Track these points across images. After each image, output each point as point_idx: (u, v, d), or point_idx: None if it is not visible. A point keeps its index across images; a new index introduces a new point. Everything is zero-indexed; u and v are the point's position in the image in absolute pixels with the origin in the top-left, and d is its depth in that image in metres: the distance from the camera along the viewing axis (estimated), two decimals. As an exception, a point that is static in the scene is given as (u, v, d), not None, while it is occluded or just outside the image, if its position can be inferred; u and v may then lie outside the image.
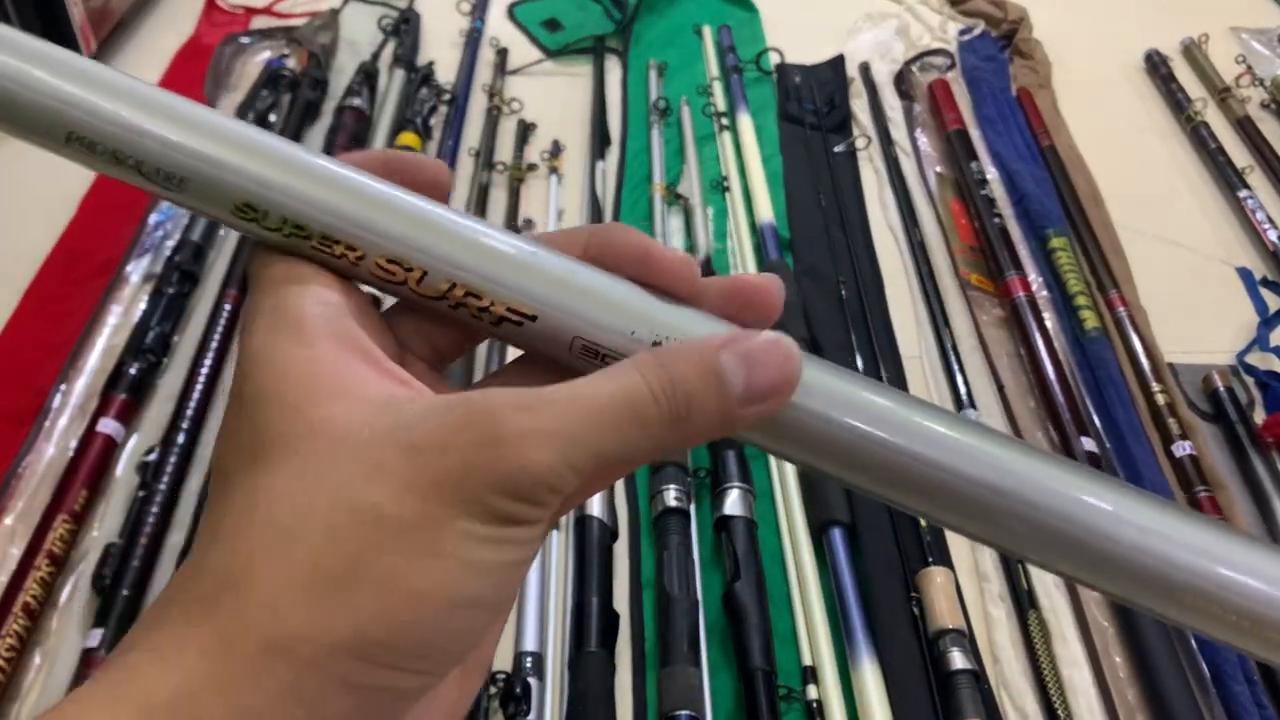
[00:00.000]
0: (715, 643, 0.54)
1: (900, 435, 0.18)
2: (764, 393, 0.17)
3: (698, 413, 0.17)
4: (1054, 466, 0.18)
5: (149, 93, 0.19)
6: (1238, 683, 0.54)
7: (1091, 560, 0.18)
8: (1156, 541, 0.18)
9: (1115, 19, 1.10)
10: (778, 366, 0.17)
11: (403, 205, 0.19)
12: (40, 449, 0.61)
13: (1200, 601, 0.18)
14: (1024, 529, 0.18)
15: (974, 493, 0.18)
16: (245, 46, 0.96)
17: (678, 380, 0.17)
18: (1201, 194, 0.89)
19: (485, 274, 0.19)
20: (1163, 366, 0.70)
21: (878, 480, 0.18)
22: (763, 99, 0.94)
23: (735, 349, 0.17)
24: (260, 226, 0.18)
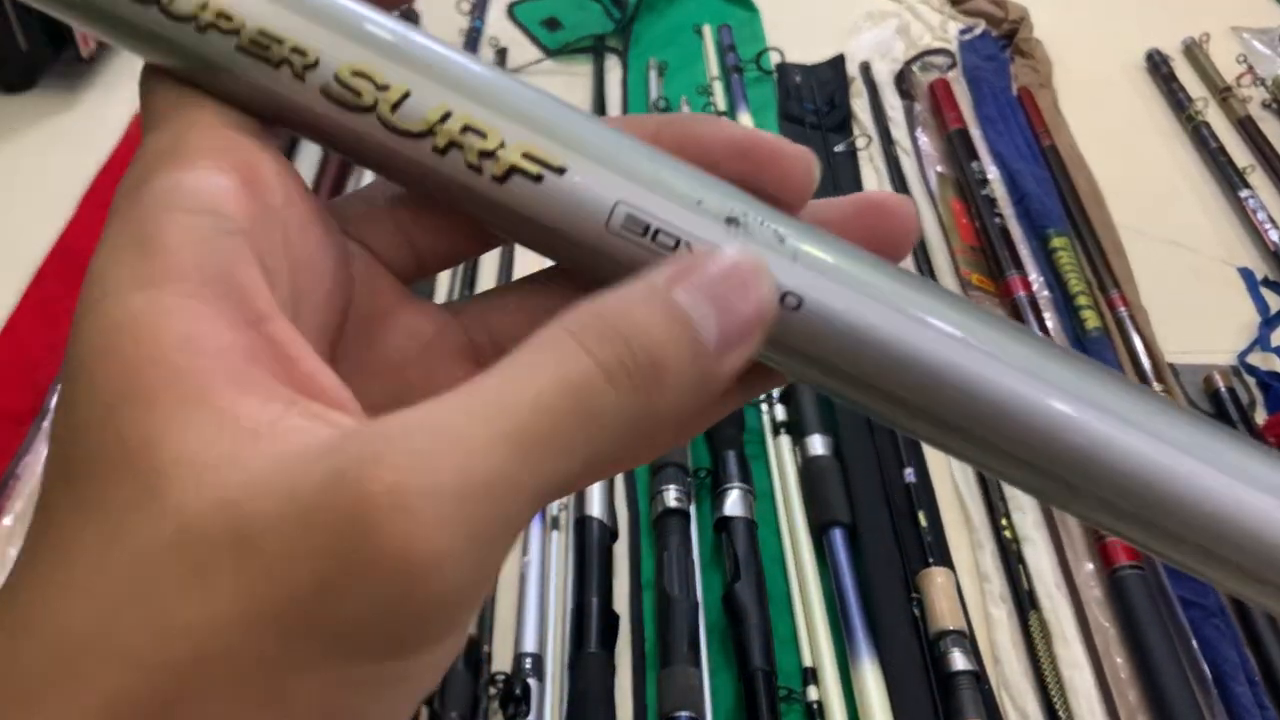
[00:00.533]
0: (715, 643, 0.54)
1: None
2: (740, 332, 0.12)
3: (670, 380, 0.11)
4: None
5: None
6: (1239, 683, 0.53)
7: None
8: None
9: (1116, 18, 1.10)
10: (750, 292, 0.12)
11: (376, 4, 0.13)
12: (39, 449, 0.61)
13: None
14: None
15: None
16: (245, 46, 0.96)
17: (635, 340, 0.11)
18: (1202, 194, 0.89)
19: (492, 100, 0.13)
20: (1164, 366, 0.70)
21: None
22: (763, 98, 0.94)
23: (692, 282, 0.12)
24: (165, 12, 0.12)
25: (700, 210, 0.13)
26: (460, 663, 0.50)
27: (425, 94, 0.13)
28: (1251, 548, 0.13)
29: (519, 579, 0.55)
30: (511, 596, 0.55)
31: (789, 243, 0.14)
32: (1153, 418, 0.14)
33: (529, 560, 0.56)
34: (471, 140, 0.13)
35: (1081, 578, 0.59)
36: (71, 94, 0.88)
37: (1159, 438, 0.14)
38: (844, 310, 0.13)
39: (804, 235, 0.14)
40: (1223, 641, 0.55)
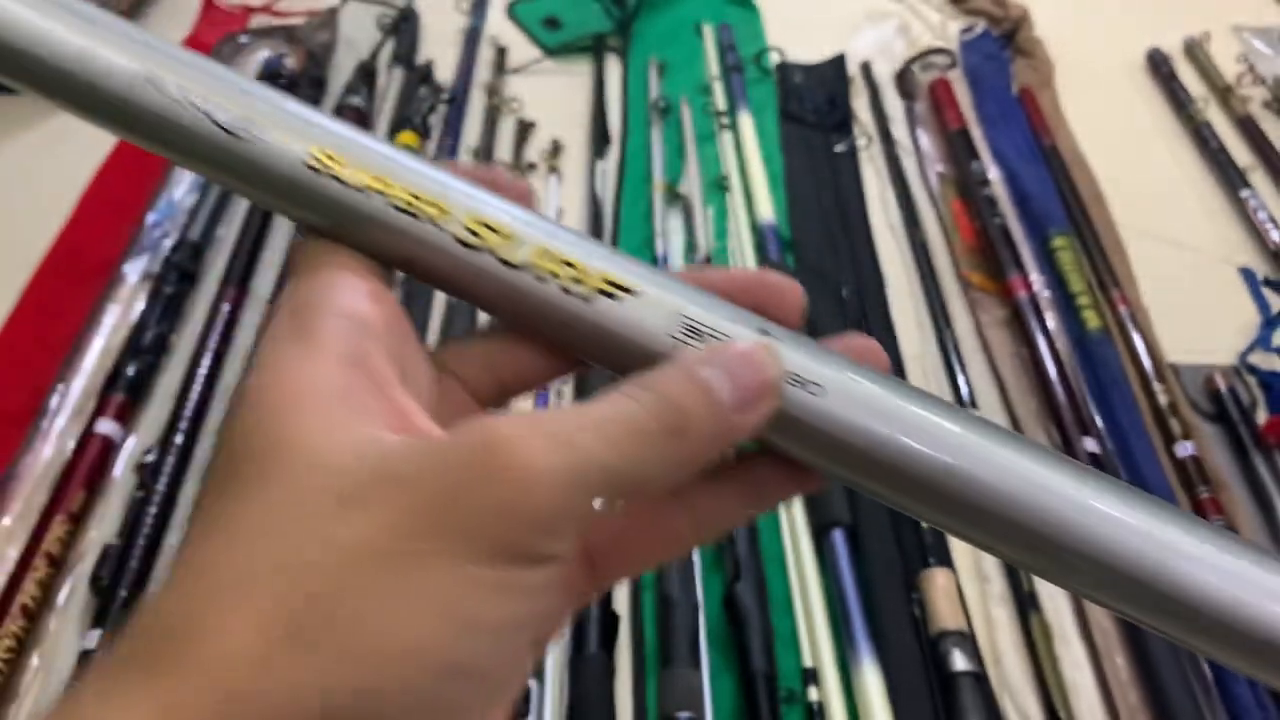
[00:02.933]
0: (716, 645, 0.54)
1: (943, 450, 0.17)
2: (752, 397, 0.16)
3: (695, 424, 0.16)
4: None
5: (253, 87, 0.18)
6: (1240, 684, 0.53)
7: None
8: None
9: (1117, 18, 1.10)
10: (759, 369, 0.17)
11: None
12: (38, 450, 0.61)
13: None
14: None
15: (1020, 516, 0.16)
16: (243, 45, 0.95)
17: (666, 397, 0.16)
18: (1204, 193, 0.89)
19: (579, 244, 0.17)
20: (1165, 367, 0.70)
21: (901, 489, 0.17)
22: (763, 98, 0.94)
23: (713, 361, 0.17)
24: (337, 179, 0.17)
25: (739, 321, 0.18)
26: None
27: (526, 237, 0.17)
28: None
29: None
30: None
31: (805, 348, 0.18)
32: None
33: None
34: (565, 270, 0.17)
35: (1082, 578, 0.59)
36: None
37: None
38: (853, 401, 0.17)
39: (822, 350, 0.18)
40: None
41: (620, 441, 0.15)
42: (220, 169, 0.18)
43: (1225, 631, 0.16)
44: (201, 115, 0.17)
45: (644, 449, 0.15)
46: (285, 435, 0.14)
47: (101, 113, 0.17)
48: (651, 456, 0.15)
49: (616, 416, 0.15)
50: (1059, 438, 0.66)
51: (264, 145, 0.17)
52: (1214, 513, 0.61)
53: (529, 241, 0.17)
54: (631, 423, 0.15)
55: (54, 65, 0.17)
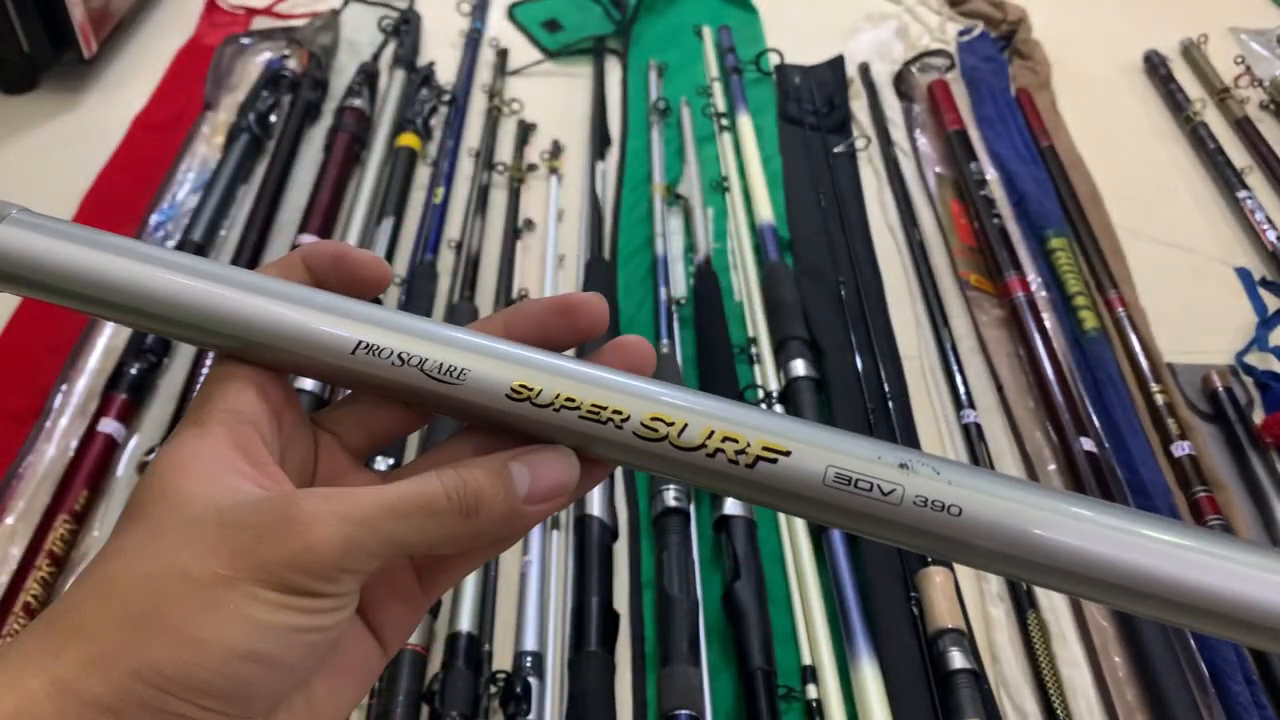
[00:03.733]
0: (715, 643, 0.54)
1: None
2: (544, 494, 0.20)
3: (486, 507, 0.20)
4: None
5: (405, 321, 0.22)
6: (1236, 682, 0.54)
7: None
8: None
9: (1114, 20, 1.10)
10: (558, 473, 0.20)
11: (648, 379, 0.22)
12: (41, 449, 0.61)
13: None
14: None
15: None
16: (246, 47, 0.96)
17: (469, 481, 0.20)
18: (1200, 194, 0.89)
19: (736, 419, 0.21)
20: (1162, 367, 0.70)
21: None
22: (762, 99, 0.94)
23: (524, 458, 0.20)
24: (533, 403, 0.21)
25: (880, 462, 0.20)
26: (461, 661, 0.50)
27: (695, 424, 0.21)
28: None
29: (519, 578, 0.56)
30: (512, 596, 0.55)
31: (943, 474, 0.20)
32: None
33: (529, 560, 0.56)
34: (728, 445, 0.20)
35: (1080, 577, 0.59)
36: (73, 95, 0.88)
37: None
38: (992, 516, 0.20)
39: (955, 469, 0.21)
40: (1220, 640, 0.55)
41: (411, 516, 0.19)
42: (436, 408, 0.22)
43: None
44: (415, 370, 0.21)
45: (432, 524, 0.19)
46: (170, 489, 0.19)
47: (333, 379, 0.22)
48: (438, 529, 0.19)
49: (415, 495, 0.19)
50: (1056, 438, 0.66)
51: (471, 385, 0.21)
52: (1211, 512, 0.62)
53: (697, 425, 0.21)
54: (426, 501, 0.19)
55: (281, 344, 0.21)
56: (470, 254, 0.76)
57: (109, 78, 0.91)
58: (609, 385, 0.21)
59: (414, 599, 0.22)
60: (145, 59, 0.93)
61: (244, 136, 0.82)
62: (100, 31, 0.89)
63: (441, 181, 0.81)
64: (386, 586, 0.22)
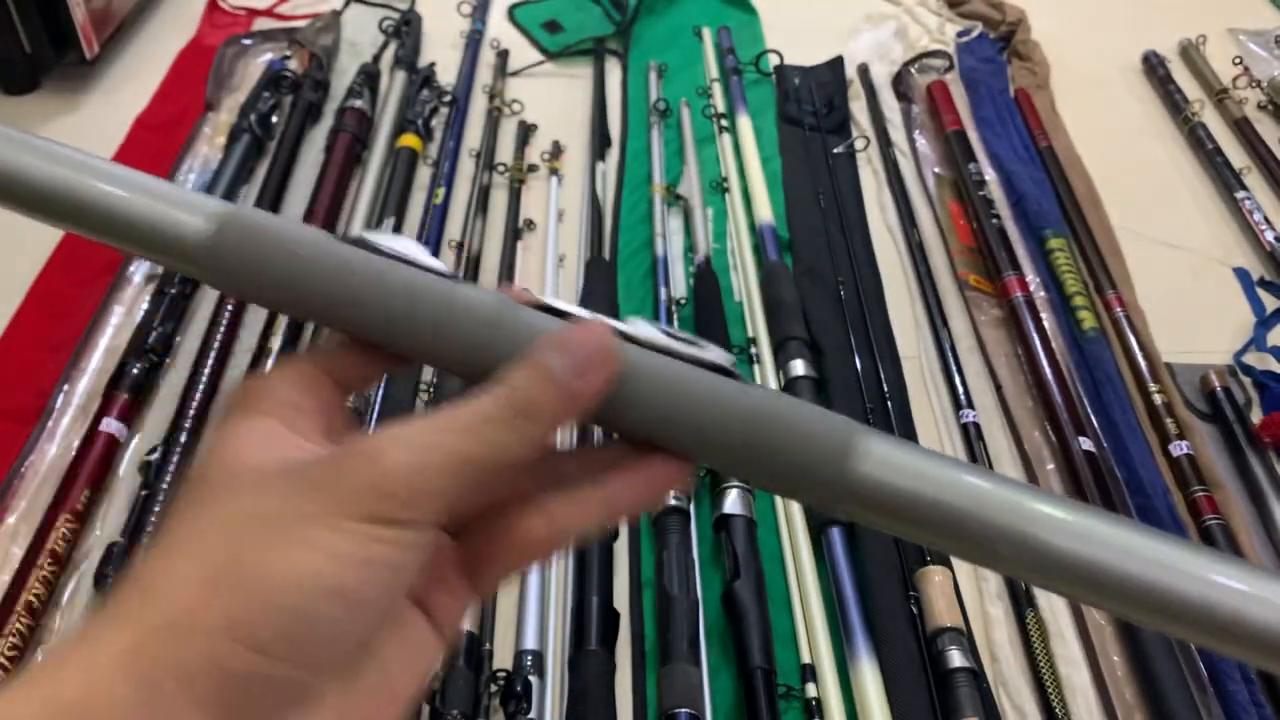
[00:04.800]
0: (715, 641, 0.54)
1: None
2: (585, 365, 0.20)
3: (539, 400, 0.20)
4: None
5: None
6: (1235, 682, 0.54)
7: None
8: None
9: (1113, 20, 1.10)
10: (591, 341, 0.20)
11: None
12: (43, 448, 0.62)
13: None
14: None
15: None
16: (247, 48, 0.96)
17: (511, 384, 0.20)
18: (1199, 195, 0.89)
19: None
20: (1160, 366, 0.71)
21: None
22: (762, 100, 0.94)
23: (551, 342, 0.20)
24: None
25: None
26: (461, 660, 0.51)
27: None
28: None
29: (520, 577, 0.56)
30: (512, 594, 0.55)
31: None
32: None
33: (530, 559, 0.56)
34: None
35: (1078, 576, 0.59)
36: (74, 96, 0.89)
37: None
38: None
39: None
40: (1218, 639, 0.55)
41: (471, 429, 0.19)
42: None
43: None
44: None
45: (494, 432, 0.19)
46: (230, 458, 0.20)
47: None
48: (503, 435, 0.20)
49: (467, 410, 0.20)
50: (1055, 437, 0.66)
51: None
52: (1209, 511, 0.62)
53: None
54: (480, 413, 0.19)
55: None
56: (471, 254, 0.76)
57: (110, 78, 0.91)
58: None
59: (460, 592, 0.22)
60: (147, 60, 0.93)
61: (245, 137, 0.82)
62: (102, 32, 0.89)
63: (442, 182, 0.82)
64: (435, 581, 0.22)
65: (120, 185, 0.21)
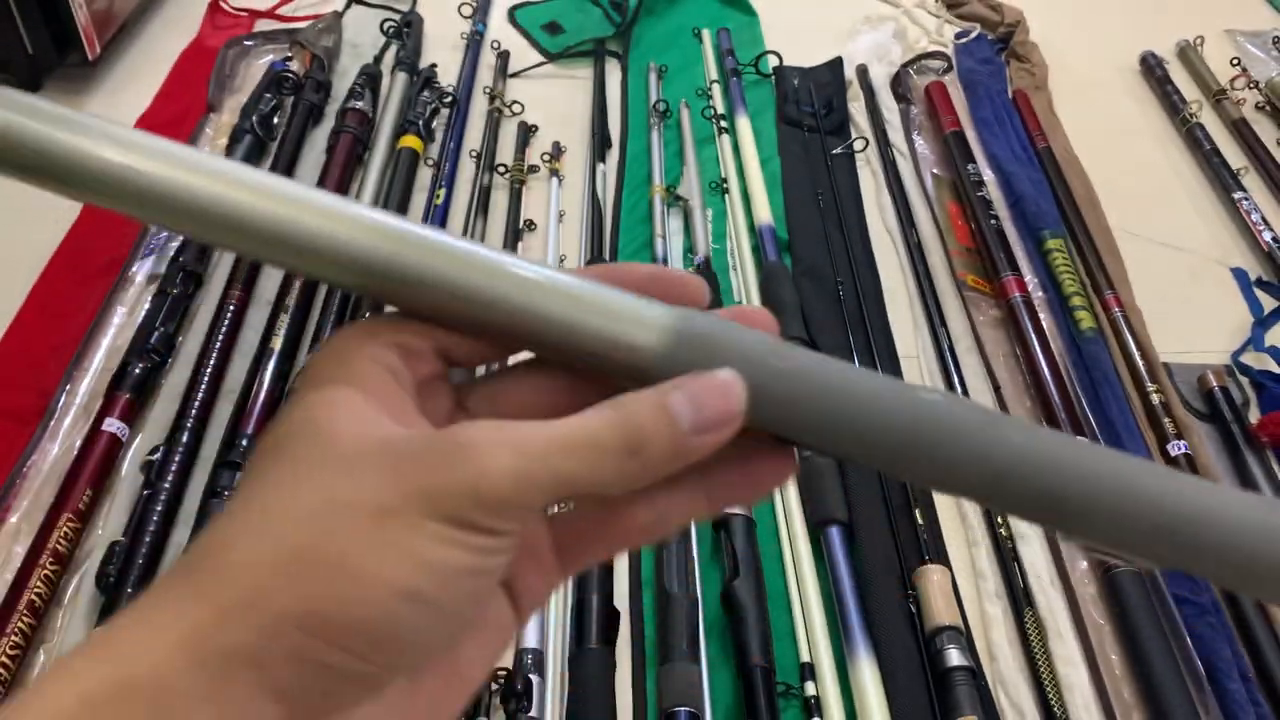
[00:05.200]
0: (714, 640, 0.55)
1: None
2: (709, 425, 0.19)
3: (651, 442, 0.18)
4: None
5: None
6: (1233, 680, 0.54)
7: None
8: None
9: (1111, 22, 1.11)
10: (721, 402, 0.19)
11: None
12: (45, 448, 0.62)
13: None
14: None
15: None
16: (249, 49, 0.96)
17: (631, 416, 0.19)
18: (1197, 195, 0.89)
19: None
20: (1158, 366, 0.71)
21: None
22: (761, 101, 0.94)
23: (684, 389, 0.19)
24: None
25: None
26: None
27: None
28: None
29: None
30: (513, 594, 0.55)
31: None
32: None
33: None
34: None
35: (1076, 575, 0.59)
36: (77, 97, 0.89)
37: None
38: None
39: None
40: (1216, 638, 0.56)
41: (577, 452, 0.18)
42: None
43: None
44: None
45: (599, 461, 0.18)
46: (320, 425, 0.18)
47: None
48: (606, 467, 0.18)
49: (580, 430, 0.18)
50: (1053, 436, 0.66)
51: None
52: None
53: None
54: (591, 438, 0.18)
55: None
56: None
57: (112, 80, 0.92)
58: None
59: (549, 571, 0.21)
60: (148, 61, 0.94)
61: (247, 138, 0.83)
62: (104, 33, 0.89)
63: (443, 183, 0.82)
64: (525, 553, 0.20)
65: (569, 302, 0.20)
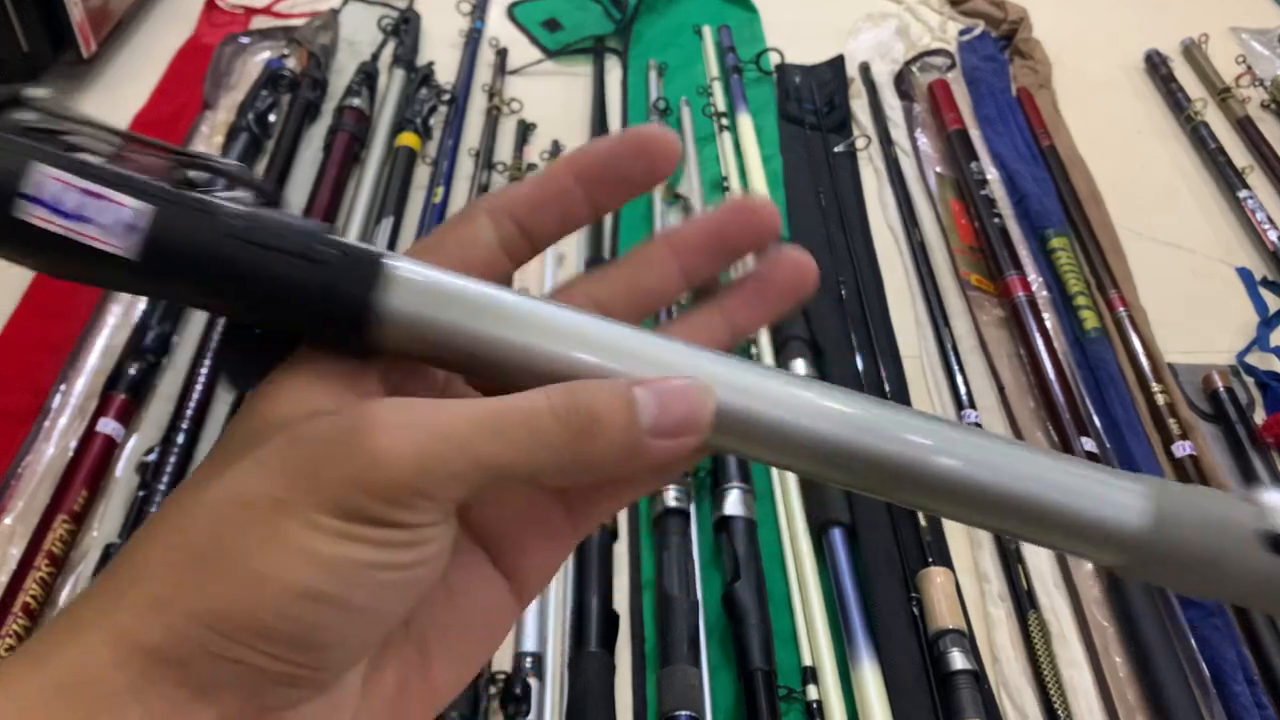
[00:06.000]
0: (715, 643, 0.54)
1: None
2: (672, 428, 0.17)
3: (603, 431, 0.16)
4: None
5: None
6: (1238, 683, 0.54)
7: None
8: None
9: (1115, 19, 1.10)
10: (689, 406, 0.17)
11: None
12: (40, 449, 0.61)
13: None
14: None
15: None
16: (245, 46, 0.96)
17: (582, 398, 0.16)
18: (1201, 194, 0.89)
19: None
20: (1163, 366, 0.70)
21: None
22: (763, 99, 0.94)
23: (650, 385, 0.17)
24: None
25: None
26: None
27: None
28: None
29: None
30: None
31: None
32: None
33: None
34: None
35: (1080, 577, 0.59)
36: (72, 95, 0.88)
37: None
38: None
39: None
40: (1221, 641, 0.55)
41: (507, 432, 0.16)
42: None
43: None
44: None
45: (533, 444, 0.16)
46: (256, 414, 0.17)
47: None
48: (542, 452, 0.16)
49: (513, 408, 0.16)
50: (1057, 437, 0.66)
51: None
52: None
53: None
54: (530, 419, 0.16)
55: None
56: (470, 254, 0.76)
57: (108, 77, 0.91)
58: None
59: (558, 533, 0.19)
60: (144, 58, 0.93)
61: (243, 136, 0.82)
62: (99, 31, 0.88)
63: (441, 181, 0.81)
64: (523, 515, 0.18)
65: (1048, 486, 0.18)
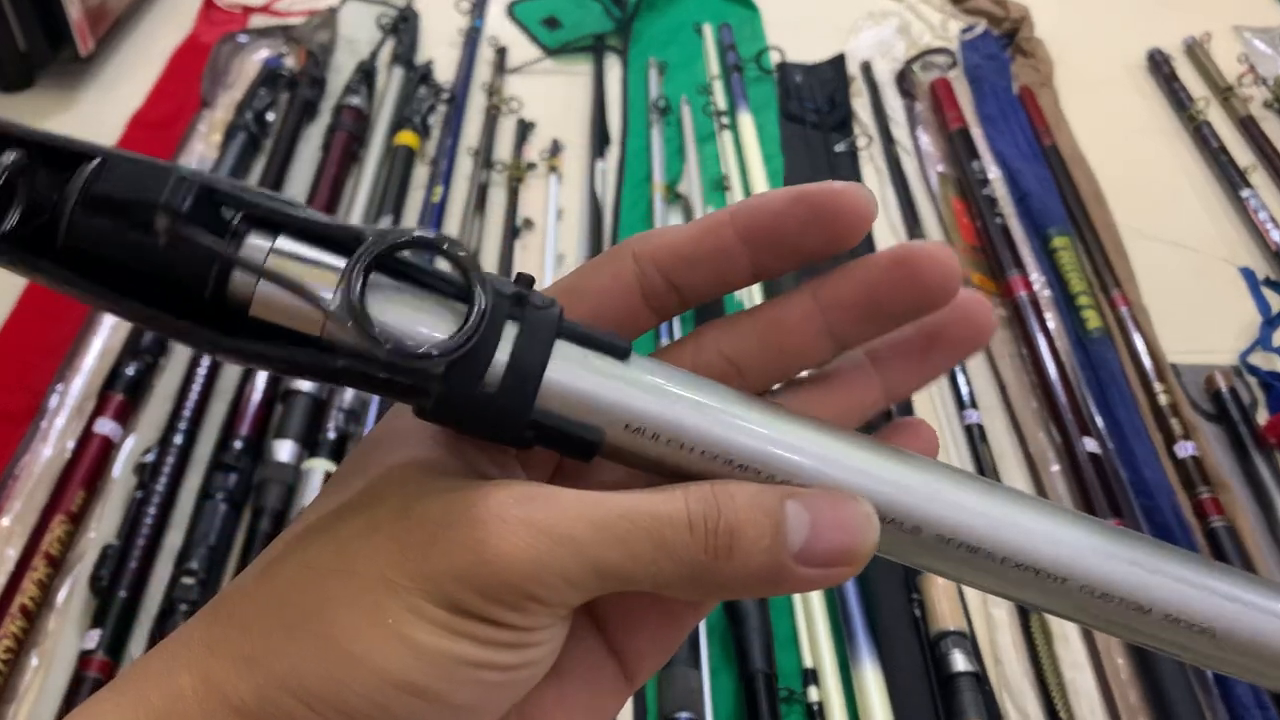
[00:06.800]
0: (716, 644, 0.54)
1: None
2: (824, 557, 0.15)
3: (742, 552, 0.14)
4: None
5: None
6: (1241, 684, 0.53)
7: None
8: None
9: (1118, 18, 1.10)
10: (847, 535, 0.15)
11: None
12: (37, 449, 0.61)
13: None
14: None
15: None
16: (243, 45, 0.95)
17: (725, 511, 0.14)
18: (1204, 193, 0.89)
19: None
20: (1165, 366, 0.70)
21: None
22: (763, 98, 0.94)
23: (804, 498, 0.15)
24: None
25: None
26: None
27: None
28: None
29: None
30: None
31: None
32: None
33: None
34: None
35: (1083, 578, 0.58)
36: (69, 93, 0.88)
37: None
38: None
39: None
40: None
41: (633, 541, 0.14)
42: None
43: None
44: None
45: (664, 560, 0.14)
46: (372, 460, 0.16)
47: None
48: (669, 567, 0.14)
49: (645, 513, 0.14)
50: (1059, 438, 0.65)
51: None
52: (1214, 512, 0.61)
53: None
54: (657, 524, 0.14)
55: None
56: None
57: (106, 76, 0.91)
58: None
59: (678, 615, 0.17)
60: (142, 57, 0.93)
61: (241, 135, 0.82)
62: (97, 29, 0.88)
63: (440, 180, 0.81)
64: (643, 595, 0.16)
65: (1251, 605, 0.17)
